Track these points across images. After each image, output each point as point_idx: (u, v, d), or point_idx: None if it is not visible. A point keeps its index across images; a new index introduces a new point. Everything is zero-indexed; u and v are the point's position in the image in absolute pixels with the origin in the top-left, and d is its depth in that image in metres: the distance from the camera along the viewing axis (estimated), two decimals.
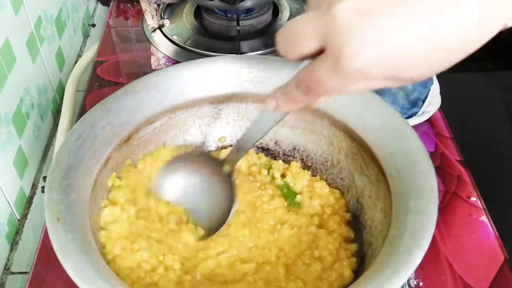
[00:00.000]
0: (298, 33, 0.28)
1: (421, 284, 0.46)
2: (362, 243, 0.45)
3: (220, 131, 0.54)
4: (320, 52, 0.28)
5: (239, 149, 0.44)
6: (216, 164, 0.46)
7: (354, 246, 0.46)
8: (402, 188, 0.40)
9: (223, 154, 0.51)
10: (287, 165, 0.52)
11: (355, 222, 0.48)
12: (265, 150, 0.55)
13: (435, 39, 0.24)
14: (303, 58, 0.29)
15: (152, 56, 0.75)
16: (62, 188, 0.39)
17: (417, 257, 0.34)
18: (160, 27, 0.79)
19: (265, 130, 0.40)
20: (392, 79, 0.27)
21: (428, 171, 0.40)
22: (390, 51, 0.25)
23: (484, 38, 0.25)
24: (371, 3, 0.25)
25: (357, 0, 0.25)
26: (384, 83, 0.28)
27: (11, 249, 0.57)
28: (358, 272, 0.43)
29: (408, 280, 0.47)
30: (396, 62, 0.25)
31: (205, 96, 0.51)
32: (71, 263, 0.34)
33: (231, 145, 0.55)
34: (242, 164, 0.51)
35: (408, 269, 0.34)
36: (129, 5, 0.86)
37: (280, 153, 0.54)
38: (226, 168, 0.45)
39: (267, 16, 0.79)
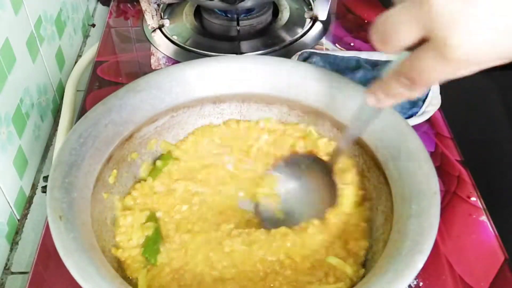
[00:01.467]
0: (396, 25, 0.27)
1: (421, 284, 0.46)
2: None
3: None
4: (419, 43, 0.27)
5: (340, 147, 0.45)
6: (321, 166, 0.47)
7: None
8: (403, 191, 0.40)
9: None
10: None
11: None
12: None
13: None
14: (400, 51, 0.29)
15: (152, 56, 0.75)
16: (64, 186, 0.39)
17: (419, 262, 0.34)
18: (160, 27, 0.79)
19: (364, 126, 0.40)
20: (504, 58, 0.26)
21: (429, 174, 0.40)
22: (497, 34, 0.24)
23: None
24: None
25: None
26: (497, 63, 0.27)
27: (11, 249, 0.57)
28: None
29: None
30: (506, 43, 0.25)
31: (207, 95, 0.51)
32: (73, 262, 0.34)
33: None
34: None
35: (409, 274, 0.34)
36: (129, 5, 0.86)
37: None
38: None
39: (267, 16, 0.79)
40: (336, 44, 0.75)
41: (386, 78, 0.32)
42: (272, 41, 0.76)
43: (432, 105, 0.61)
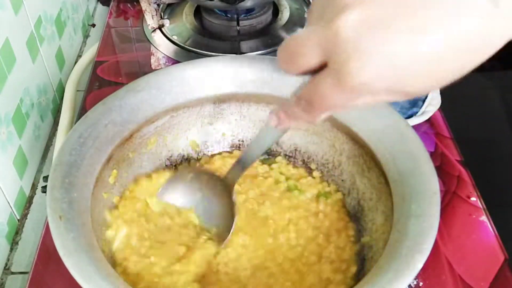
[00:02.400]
0: (299, 48, 0.27)
1: (421, 284, 0.46)
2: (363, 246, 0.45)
3: (222, 130, 0.54)
4: (321, 68, 0.27)
5: (240, 165, 0.44)
6: (217, 182, 0.47)
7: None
8: (403, 191, 0.40)
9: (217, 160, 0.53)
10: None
11: (356, 224, 0.48)
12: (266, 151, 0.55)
13: (446, 48, 0.24)
14: (304, 74, 0.29)
15: (152, 56, 0.75)
16: (64, 186, 0.39)
17: (419, 262, 0.34)
18: (160, 27, 0.79)
19: (266, 146, 0.40)
20: (397, 93, 0.26)
21: (430, 174, 0.40)
22: (395, 65, 0.24)
23: (493, 46, 0.24)
24: (374, 16, 0.24)
25: (359, 14, 0.24)
26: (389, 97, 0.27)
27: (11, 249, 0.57)
28: (358, 275, 0.43)
29: None
30: (404, 74, 0.25)
31: (207, 95, 0.51)
32: (72, 262, 0.34)
33: (232, 146, 0.55)
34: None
35: (409, 274, 0.34)
36: (129, 5, 0.86)
37: (282, 154, 0.54)
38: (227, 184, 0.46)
39: (267, 16, 0.79)
40: None
41: (290, 100, 0.31)
42: (272, 41, 0.76)
43: (432, 105, 0.61)
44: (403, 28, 0.23)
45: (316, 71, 0.28)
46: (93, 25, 0.91)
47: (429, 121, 0.61)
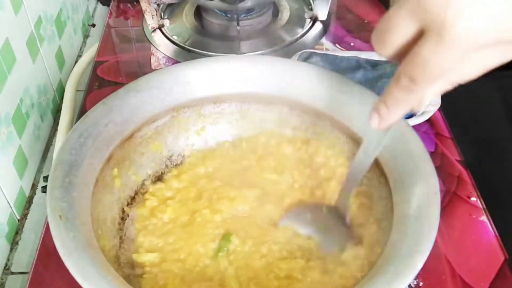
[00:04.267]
0: (391, 23, 0.27)
1: (421, 284, 0.46)
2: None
3: (222, 130, 0.54)
4: (415, 42, 0.26)
5: (349, 185, 0.42)
6: (331, 211, 0.45)
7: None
8: (403, 191, 0.40)
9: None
10: None
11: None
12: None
13: None
14: (401, 56, 0.27)
15: (152, 56, 0.75)
16: (64, 186, 0.39)
17: (419, 262, 0.34)
18: (160, 27, 0.79)
19: (373, 155, 0.38)
20: (506, 43, 0.25)
21: (430, 175, 0.40)
22: (493, 8, 0.23)
23: None
24: None
25: None
26: (500, 53, 0.25)
27: (11, 249, 0.57)
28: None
29: None
30: (502, 19, 0.24)
31: (207, 95, 0.51)
32: (73, 262, 0.34)
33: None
34: None
35: (409, 274, 0.34)
36: (129, 5, 0.86)
37: None
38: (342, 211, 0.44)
39: (267, 16, 0.79)
40: (336, 44, 0.75)
41: (386, 89, 0.30)
42: (272, 41, 0.76)
43: (432, 105, 0.61)
44: None
45: (409, 47, 0.27)
46: (93, 25, 0.91)
47: (429, 121, 0.61)
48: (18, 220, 0.59)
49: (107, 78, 0.70)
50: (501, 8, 0.24)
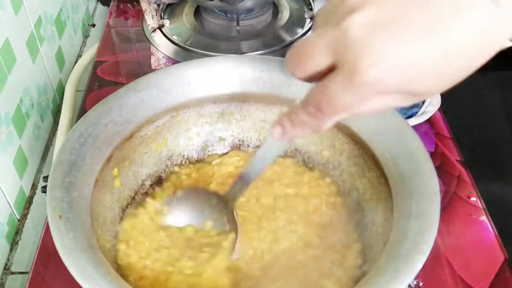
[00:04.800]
0: (308, 50, 0.27)
1: (421, 284, 0.46)
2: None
3: (222, 130, 0.54)
4: (328, 72, 0.27)
5: (242, 182, 0.43)
6: (219, 201, 0.46)
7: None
8: (403, 192, 0.40)
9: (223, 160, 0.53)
10: None
11: (356, 224, 0.48)
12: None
13: (453, 46, 0.24)
14: (311, 79, 0.28)
15: (152, 56, 0.75)
16: (64, 186, 0.39)
17: (418, 262, 0.34)
18: (160, 27, 0.79)
19: (270, 160, 0.39)
20: (407, 93, 0.26)
21: (430, 175, 0.40)
22: (407, 60, 0.24)
23: (497, 43, 0.25)
24: (381, 17, 0.24)
25: (367, 15, 0.25)
26: (399, 99, 0.27)
27: (11, 249, 0.57)
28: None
29: None
30: (414, 72, 0.25)
31: (207, 95, 0.51)
32: (72, 261, 0.34)
33: (232, 146, 0.55)
34: None
35: (409, 274, 0.34)
36: (129, 5, 0.86)
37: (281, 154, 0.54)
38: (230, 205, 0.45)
39: (267, 16, 0.79)
40: None
41: (295, 108, 0.31)
42: (272, 41, 0.76)
43: (432, 105, 0.61)
44: (410, 29, 0.24)
45: (322, 76, 0.27)
46: (93, 25, 0.91)
47: (429, 121, 0.61)
48: (18, 220, 0.59)
49: (107, 78, 0.70)
50: (410, 65, 0.25)
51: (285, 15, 0.81)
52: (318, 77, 0.28)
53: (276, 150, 0.38)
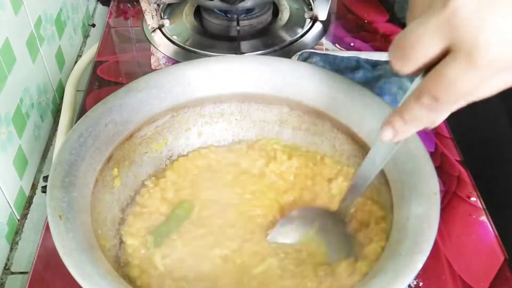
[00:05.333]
0: (416, 39, 0.26)
1: (421, 284, 0.46)
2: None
3: (222, 130, 0.54)
4: (438, 60, 0.26)
5: (354, 192, 0.42)
6: (331, 217, 0.45)
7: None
8: (403, 192, 0.40)
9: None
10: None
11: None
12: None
13: None
14: (419, 71, 0.27)
15: (152, 56, 0.75)
16: (64, 186, 0.39)
17: (418, 262, 0.34)
18: (160, 27, 0.79)
19: (381, 165, 0.37)
20: None
21: (430, 175, 0.40)
22: None
23: None
24: None
25: None
26: None
27: (11, 249, 0.57)
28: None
29: None
30: None
31: (207, 95, 0.51)
32: (72, 261, 0.34)
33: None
34: None
35: (409, 274, 0.34)
36: (129, 5, 0.86)
37: None
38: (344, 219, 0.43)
39: (267, 16, 0.79)
40: (336, 44, 0.75)
41: (404, 103, 0.29)
42: (272, 41, 0.76)
43: None
44: None
45: (431, 65, 0.26)
46: (93, 25, 0.91)
47: None
48: (18, 220, 0.59)
49: (107, 78, 0.70)
50: None
51: (285, 15, 0.81)
52: (427, 67, 0.27)
53: (386, 152, 0.36)
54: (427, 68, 0.27)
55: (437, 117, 0.29)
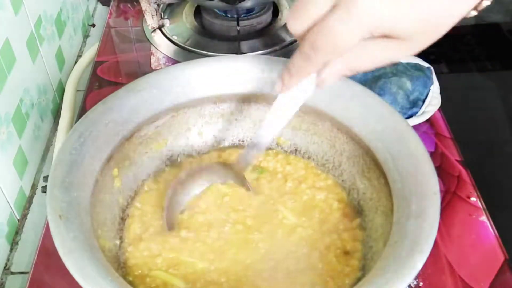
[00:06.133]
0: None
1: (421, 284, 0.46)
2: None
3: (222, 130, 0.54)
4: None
5: (252, 150, 0.44)
6: (228, 170, 0.48)
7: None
8: (403, 192, 0.40)
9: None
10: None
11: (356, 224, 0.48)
12: (267, 151, 0.55)
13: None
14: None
15: (152, 56, 0.75)
16: (64, 186, 0.39)
17: (418, 262, 0.34)
18: (160, 27, 0.79)
19: (279, 125, 0.40)
20: (397, 39, 0.28)
21: (430, 175, 0.40)
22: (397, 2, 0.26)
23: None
24: None
25: None
26: (391, 47, 0.28)
27: (11, 249, 0.57)
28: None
29: None
30: (402, 13, 0.27)
31: (207, 95, 0.51)
32: (72, 261, 0.34)
33: (232, 145, 0.55)
34: None
35: (409, 274, 0.34)
36: (129, 5, 0.86)
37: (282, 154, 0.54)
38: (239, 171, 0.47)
39: (267, 16, 0.79)
40: None
41: (291, 58, 0.32)
42: (272, 41, 0.76)
43: (432, 105, 0.61)
44: None
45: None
46: (93, 25, 0.91)
47: (429, 121, 0.61)
48: (18, 220, 0.59)
49: (107, 78, 0.70)
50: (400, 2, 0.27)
51: (285, 15, 0.81)
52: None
53: (285, 113, 0.39)
54: None
55: (313, 64, 0.31)
